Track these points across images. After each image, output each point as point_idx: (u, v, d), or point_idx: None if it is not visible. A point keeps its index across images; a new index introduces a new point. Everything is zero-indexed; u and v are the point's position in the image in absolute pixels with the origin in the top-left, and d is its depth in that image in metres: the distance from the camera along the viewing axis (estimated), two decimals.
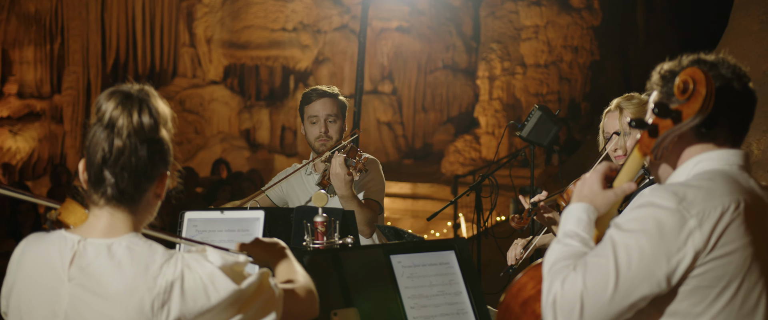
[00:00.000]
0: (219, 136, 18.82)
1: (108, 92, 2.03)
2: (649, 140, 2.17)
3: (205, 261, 2.02)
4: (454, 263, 3.03)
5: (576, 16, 18.31)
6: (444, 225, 14.29)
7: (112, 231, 2.04)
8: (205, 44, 18.99)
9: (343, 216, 3.32)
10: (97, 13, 17.91)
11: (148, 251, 2.01)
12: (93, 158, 2.01)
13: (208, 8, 18.84)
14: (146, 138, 2.01)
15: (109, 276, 1.98)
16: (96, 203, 2.05)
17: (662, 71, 2.29)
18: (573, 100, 18.69)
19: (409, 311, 2.87)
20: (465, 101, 20.60)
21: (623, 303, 2.01)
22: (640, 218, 2.06)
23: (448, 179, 17.69)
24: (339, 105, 4.28)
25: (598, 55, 18.74)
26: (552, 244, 2.20)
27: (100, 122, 2.00)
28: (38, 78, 17.53)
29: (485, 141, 18.33)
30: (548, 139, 5.32)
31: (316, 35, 19.27)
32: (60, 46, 17.68)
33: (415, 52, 20.31)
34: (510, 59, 18.47)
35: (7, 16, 16.69)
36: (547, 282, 2.10)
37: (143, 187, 2.05)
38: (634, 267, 2.01)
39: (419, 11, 19.89)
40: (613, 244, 2.04)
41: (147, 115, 2.00)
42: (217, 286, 2.00)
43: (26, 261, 2.09)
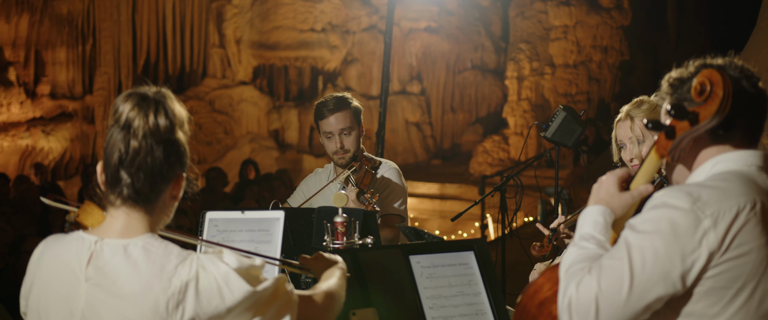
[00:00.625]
0: (248, 136, 18.93)
1: (125, 94, 2.06)
2: (666, 142, 2.17)
3: (220, 263, 2.04)
4: (474, 263, 3.04)
5: (606, 16, 18.19)
6: (471, 226, 14.27)
7: (128, 231, 2.07)
8: (234, 45, 19.10)
9: (364, 216, 3.34)
10: (128, 14, 18.09)
11: (163, 251, 2.04)
12: (110, 159, 2.04)
13: (238, 9, 18.95)
14: (162, 139, 2.04)
15: (125, 276, 2.01)
16: (113, 203, 2.09)
17: (670, 79, 2.29)
18: (602, 100, 18.58)
19: (427, 311, 2.88)
20: (494, 101, 20.54)
21: (638, 304, 2.01)
22: (654, 219, 2.06)
23: (476, 180, 17.66)
24: (352, 115, 4.27)
25: (627, 55, 18.61)
26: (569, 247, 2.21)
27: (117, 123, 2.03)
28: (70, 79, 17.74)
29: (514, 141, 18.27)
30: (573, 140, 5.29)
31: (344, 36, 19.31)
32: (92, 47, 17.88)
33: (443, 53, 20.29)
34: (539, 59, 18.39)
35: (40, 17, 16.90)
36: (563, 285, 2.10)
37: (159, 188, 2.08)
38: (648, 268, 2.01)
39: (448, 11, 19.86)
40: (628, 246, 2.04)
41: (163, 116, 2.03)
42: (231, 287, 2.02)
43: (45, 261, 2.13)
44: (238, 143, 18.82)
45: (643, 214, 2.11)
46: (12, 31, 16.63)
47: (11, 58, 16.69)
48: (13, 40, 16.66)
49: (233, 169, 15.93)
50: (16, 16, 16.53)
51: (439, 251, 3.00)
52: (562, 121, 5.27)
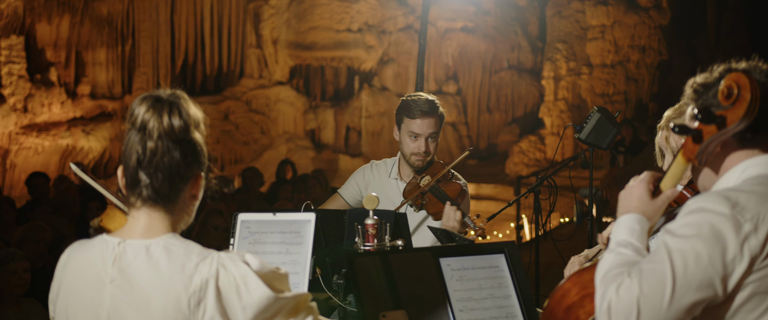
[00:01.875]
0: (284, 136, 19.02)
1: (140, 98, 2.11)
2: (694, 146, 2.16)
3: (241, 262, 2.07)
4: (504, 266, 3.03)
5: (644, 16, 18.03)
6: (507, 227, 14.23)
7: (149, 232, 2.11)
8: (271, 45, 19.21)
9: (395, 218, 3.35)
10: (167, 15, 18.28)
11: (184, 250, 2.08)
12: (128, 161, 2.09)
13: (275, 10, 19.06)
14: (177, 139, 2.08)
15: (148, 276, 2.05)
16: (134, 205, 2.13)
17: (694, 85, 2.28)
18: (640, 100, 18.42)
19: (458, 314, 2.88)
20: (530, 102, 20.45)
21: (679, 308, 2.00)
22: (694, 223, 2.05)
23: (512, 180, 17.59)
24: (440, 120, 4.23)
25: (666, 55, 18.43)
26: (605, 254, 2.20)
27: (134, 126, 2.08)
28: (110, 79, 17.96)
29: (550, 141, 18.18)
30: (607, 142, 5.26)
31: (381, 36, 19.34)
32: (131, 48, 18.09)
33: (480, 53, 20.23)
34: (576, 59, 18.28)
35: (81, 18, 17.14)
36: (601, 290, 2.10)
37: (178, 188, 2.12)
38: (690, 271, 2.00)
39: (484, 11, 19.80)
40: (668, 250, 2.03)
41: (177, 117, 2.07)
42: (249, 288, 2.04)
43: (70, 266, 2.18)
44: (274, 143, 18.93)
45: (681, 219, 2.09)
46: (53, 32, 16.89)
47: (52, 59, 16.95)
48: (55, 41, 16.92)
49: (270, 169, 16.03)
50: (57, 17, 16.78)
51: (469, 254, 3.00)
52: (597, 123, 5.23)
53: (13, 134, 16.05)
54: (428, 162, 4.24)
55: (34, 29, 16.71)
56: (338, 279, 3.35)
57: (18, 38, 15.99)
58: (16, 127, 16.01)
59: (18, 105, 15.93)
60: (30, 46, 16.58)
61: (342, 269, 3.45)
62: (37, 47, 16.83)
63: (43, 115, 16.46)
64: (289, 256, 3.04)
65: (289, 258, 3.04)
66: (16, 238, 6.21)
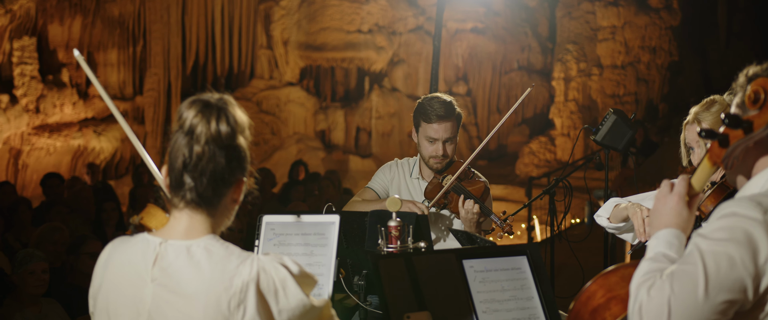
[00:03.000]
0: (295, 136, 19.06)
1: (189, 101, 2.12)
2: (720, 150, 2.16)
3: (280, 266, 2.10)
4: (526, 268, 3.06)
5: (654, 17, 18.01)
6: (518, 228, 14.22)
7: (191, 233, 2.14)
8: (281, 46, 19.25)
9: (417, 220, 3.37)
10: (178, 16, 18.33)
11: (224, 252, 2.11)
12: (174, 163, 2.12)
13: (285, 11, 19.09)
14: (224, 144, 2.10)
15: (189, 276, 2.08)
16: (176, 206, 2.16)
17: (749, 74, 2.27)
18: (650, 101, 18.40)
19: (481, 315, 2.90)
20: (540, 102, 20.44)
21: (711, 308, 2.00)
22: (726, 227, 2.06)
23: (523, 181, 17.59)
24: (457, 123, 4.22)
25: (677, 56, 18.40)
26: (642, 262, 2.21)
27: (181, 129, 2.10)
28: (121, 80, 18.02)
29: (560, 142, 18.17)
30: (623, 144, 5.27)
31: (391, 37, 19.35)
32: (142, 49, 18.15)
33: (490, 53, 20.23)
34: (586, 60, 18.27)
35: (93, 20, 17.20)
36: (634, 293, 2.11)
37: (221, 192, 2.15)
38: (722, 273, 2.00)
39: (495, 12, 19.80)
40: (701, 252, 2.04)
41: (224, 123, 2.09)
42: (287, 292, 2.08)
43: (112, 263, 2.21)
44: (284, 144, 18.96)
45: (712, 223, 2.10)
46: (65, 33, 16.96)
47: (64, 60, 17.02)
48: (67, 42, 16.98)
49: (280, 170, 16.06)
50: (69, 18, 16.85)
51: (492, 255, 3.03)
52: (613, 125, 5.24)
53: (25, 135, 16.13)
54: (447, 164, 4.25)
55: (46, 30, 16.78)
56: (359, 280, 3.37)
57: (30, 39, 16.07)
58: (28, 127, 16.08)
59: (30, 106, 16.00)
60: (42, 47, 16.66)
61: (363, 270, 3.47)
62: (49, 48, 16.91)
63: (54, 115, 16.53)
64: (314, 258, 3.06)
65: (314, 259, 3.06)
66: (34, 239, 6.25)
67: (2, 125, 15.43)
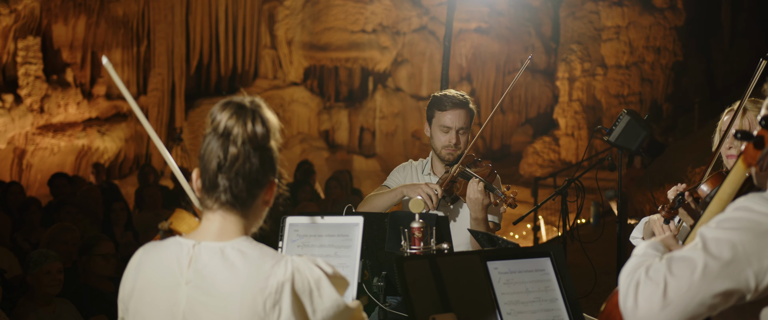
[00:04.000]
0: (299, 136, 19.06)
1: (221, 104, 2.12)
2: (755, 151, 2.16)
3: (314, 267, 2.11)
4: (550, 269, 3.04)
5: (659, 16, 18.01)
6: (523, 227, 14.24)
7: (224, 234, 2.15)
8: (285, 46, 19.25)
9: (438, 222, 3.36)
10: (182, 16, 18.34)
11: (258, 253, 2.11)
12: (208, 165, 2.11)
13: (290, 10, 19.10)
14: (259, 146, 2.11)
15: (223, 278, 2.08)
16: (210, 208, 2.16)
17: None
18: (655, 101, 18.40)
19: (506, 317, 2.89)
20: (544, 102, 20.44)
21: (707, 293, 1.98)
22: (734, 218, 2.06)
23: (526, 181, 17.59)
24: (470, 115, 4.23)
25: (681, 56, 18.40)
26: (630, 258, 2.21)
27: (215, 132, 2.10)
28: (125, 79, 18.02)
29: (564, 142, 18.16)
30: (637, 144, 5.24)
31: (395, 37, 19.36)
32: (146, 49, 18.16)
33: (493, 53, 20.23)
34: (590, 60, 18.27)
35: (97, 19, 17.20)
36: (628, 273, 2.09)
37: (254, 193, 2.15)
38: (724, 259, 1.99)
39: (498, 12, 19.81)
40: (704, 239, 2.04)
41: (260, 124, 2.10)
42: (322, 293, 2.09)
43: (144, 268, 2.20)
44: (288, 143, 18.96)
45: (723, 214, 2.10)
46: (69, 33, 16.96)
47: (68, 60, 17.02)
48: (71, 41, 16.99)
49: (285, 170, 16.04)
50: (73, 18, 16.85)
51: (515, 257, 3.02)
52: (626, 125, 5.21)
53: (29, 134, 16.13)
54: (458, 156, 4.23)
55: (51, 30, 16.78)
56: (378, 281, 3.36)
57: (34, 39, 16.07)
58: (32, 127, 16.09)
59: (34, 105, 16.00)
60: (46, 46, 16.67)
61: (382, 271, 3.47)
62: (54, 48, 16.91)
63: (59, 115, 16.53)
64: (338, 259, 3.05)
65: (338, 261, 3.05)
66: (45, 239, 6.24)
67: (7, 125, 15.43)
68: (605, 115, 18.20)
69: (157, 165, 16.78)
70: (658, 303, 1.98)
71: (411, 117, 19.54)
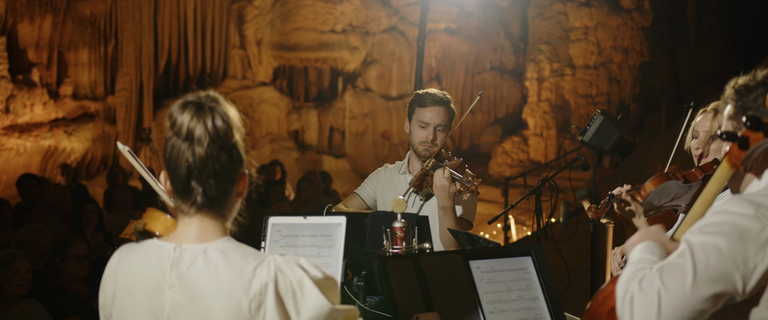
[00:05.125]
0: (268, 136, 19.00)
1: (179, 104, 2.06)
2: (739, 152, 2.18)
3: (297, 267, 2.09)
4: (532, 268, 3.06)
5: (626, 17, 18.18)
6: (493, 227, 14.30)
7: (204, 236, 2.12)
8: (255, 46, 19.18)
9: (418, 222, 3.37)
10: (150, 15, 18.20)
11: (241, 254, 2.09)
12: (177, 170, 2.07)
13: (259, 10, 19.03)
14: (224, 144, 2.07)
15: (207, 281, 2.06)
16: (186, 212, 2.12)
17: (736, 86, 2.30)
18: (622, 101, 18.57)
19: (488, 316, 2.91)
20: (512, 102, 20.55)
21: (699, 300, 2.03)
22: (717, 223, 2.09)
23: (496, 180, 17.67)
24: (450, 114, 4.24)
25: (648, 56, 18.60)
26: (626, 267, 2.23)
27: (178, 135, 2.05)
28: (92, 79, 17.85)
29: (533, 142, 18.27)
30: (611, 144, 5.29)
31: (364, 37, 19.36)
32: (114, 49, 18.01)
33: (462, 54, 20.31)
34: (559, 60, 18.40)
35: (64, 19, 17.02)
36: (623, 286, 2.13)
37: (228, 190, 2.12)
38: (711, 264, 2.03)
39: (467, 13, 19.89)
40: (690, 245, 2.08)
41: (220, 120, 2.05)
42: (304, 294, 2.07)
43: (123, 272, 2.17)
44: (258, 144, 18.90)
45: (704, 219, 2.14)
46: (35, 32, 16.77)
47: (34, 59, 16.82)
48: (37, 41, 16.80)
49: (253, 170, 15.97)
50: (39, 17, 16.66)
51: (497, 256, 3.03)
52: (600, 125, 5.26)
53: None
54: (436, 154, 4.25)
55: (16, 29, 16.58)
56: (359, 280, 3.36)
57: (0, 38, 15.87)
58: None
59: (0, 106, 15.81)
60: (12, 46, 16.46)
61: (362, 271, 3.47)
62: (19, 48, 16.70)
63: (24, 115, 16.33)
64: (321, 259, 3.05)
65: (321, 261, 3.05)
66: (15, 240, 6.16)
67: None
68: (574, 115, 18.34)
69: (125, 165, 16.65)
70: (654, 315, 2.03)
71: (380, 117, 19.55)
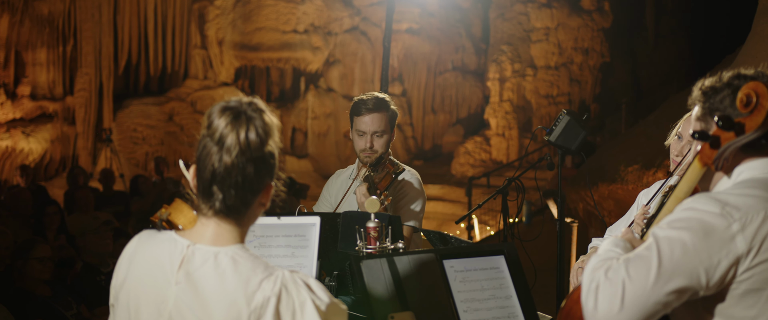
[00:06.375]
0: None
1: (220, 107, 2.07)
2: (711, 151, 2.22)
3: (303, 288, 2.09)
4: (504, 267, 3.09)
5: (587, 18, 18.36)
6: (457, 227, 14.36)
7: (218, 240, 2.13)
8: (216, 46, 19.07)
9: (389, 221, 3.38)
10: (110, 15, 18.01)
11: (251, 264, 2.09)
12: (203, 172, 2.08)
13: (220, 10, 18.93)
14: (253, 156, 2.06)
15: (213, 285, 2.06)
16: (204, 214, 2.13)
17: (703, 87, 2.33)
18: (583, 101, 18.75)
19: (462, 315, 2.93)
20: (474, 103, 20.64)
21: (662, 292, 2.07)
22: (684, 218, 2.14)
23: (458, 180, 17.74)
24: (388, 118, 4.22)
25: (608, 57, 18.79)
26: (591, 258, 2.26)
27: (211, 138, 2.06)
28: (51, 79, 17.62)
29: (495, 142, 18.37)
30: (576, 144, 5.35)
31: (327, 37, 19.34)
32: (72, 48, 17.78)
33: (424, 54, 20.36)
34: (520, 61, 18.52)
35: (21, 18, 16.78)
36: (589, 275, 2.16)
37: (249, 201, 2.12)
38: (676, 258, 2.08)
39: (429, 13, 19.95)
40: (657, 239, 2.12)
41: (254, 132, 2.05)
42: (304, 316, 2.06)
43: (138, 259, 2.18)
44: None
45: (672, 215, 2.18)
46: None
47: None
48: None
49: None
50: None
51: (471, 255, 3.05)
52: (566, 126, 5.32)
53: None
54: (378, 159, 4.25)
55: None
56: (330, 280, 3.36)
57: None
58: None
59: None
60: None
61: (334, 271, 3.47)
62: None
63: None
64: (295, 260, 3.04)
65: (295, 261, 3.05)
66: None
67: None
68: (535, 115, 18.48)
69: (84, 166, 16.46)
70: (617, 305, 2.06)
71: (343, 117, 19.55)
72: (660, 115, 10.17)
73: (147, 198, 10.59)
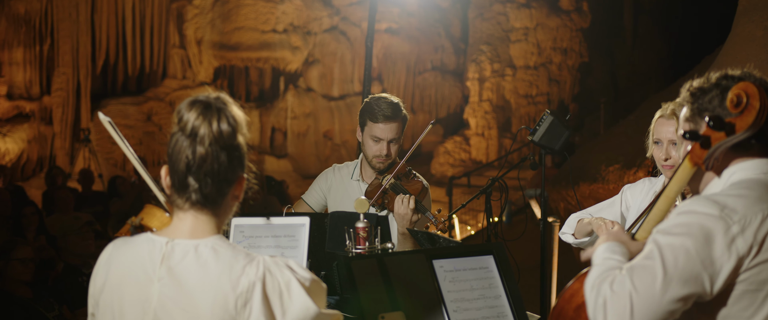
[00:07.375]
0: None
1: (188, 102, 2.12)
2: (701, 151, 2.23)
3: (286, 269, 2.12)
4: (493, 267, 3.10)
5: (565, 18, 18.44)
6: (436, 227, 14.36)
7: (197, 232, 2.15)
8: (195, 45, 18.99)
9: (377, 221, 3.39)
10: (87, 14, 17.88)
11: (231, 252, 2.12)
12: (177, 165, 2.11)
13: (199, 10, 18.84)
14: (226, 145, 2.11)
15: (196, 276, 2.08)
16: (181, 207, 2.16)
17: (691, 88, 2.34)
18: (562, 101, 18.83)
19: (452, 314, 2.93)
20: (453, 102, 20.68)
21: (670, 301, 2.07)
22: (684, 224, 2.13)
23: (438, 180, 17.76)
24: (402, 124, 4.16)
25: (586, 57, 18.88)
26: (591, 269, 2.26)
27: (182, 131, 2.10)
28: (27, 79, 17.47)
29: (475, 142, 18.41)
30: (559, 144, 5.38)
31: (306, 37, 19.31)
32: (49, 48, 17.64)
33: (404, 54, 20.38)
34: (499, 61, 18.57)
35: None
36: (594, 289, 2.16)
37: (224, 191, 2.16)
38: (680, 265, 2.07)
39: (408, 13, 19.95)
40: (659, 246, 2.11)
41: (225, 122, 2.10)
42: (291, 295, 2.09)
43: (115, 263, 2.19)
44: None
45: (670, 220, 2.18)
46: None
47: None
48: None
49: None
50: None
51: (460, 255, 3.06)
52: (550, 126, 5.35)
53: None
54: (389, 165, 4.22)
55: None
56: None
57: None
58: None
59: None
60: None
61: (321, 271, 3.47)
62: None
63: None
64: None
65: None
66: None
67: None
68: (514, 115, 18.54)
69: (62, 166, 16.33)
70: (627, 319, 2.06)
71: (322, 117, 19.53)
72: (640, 115, 10.23)
73: (126, 199, 10.53)
